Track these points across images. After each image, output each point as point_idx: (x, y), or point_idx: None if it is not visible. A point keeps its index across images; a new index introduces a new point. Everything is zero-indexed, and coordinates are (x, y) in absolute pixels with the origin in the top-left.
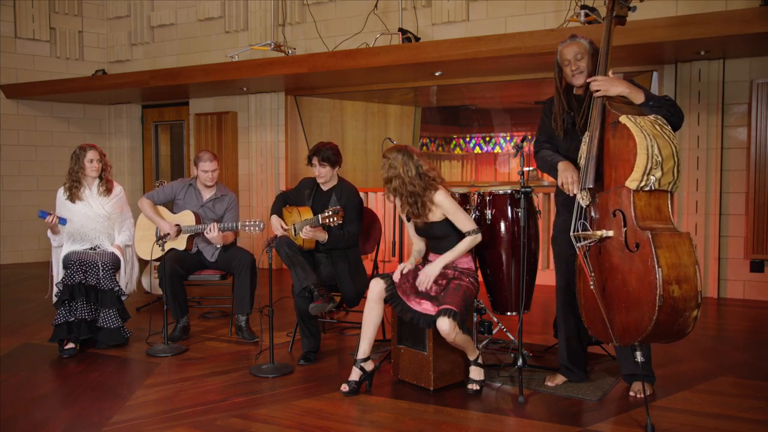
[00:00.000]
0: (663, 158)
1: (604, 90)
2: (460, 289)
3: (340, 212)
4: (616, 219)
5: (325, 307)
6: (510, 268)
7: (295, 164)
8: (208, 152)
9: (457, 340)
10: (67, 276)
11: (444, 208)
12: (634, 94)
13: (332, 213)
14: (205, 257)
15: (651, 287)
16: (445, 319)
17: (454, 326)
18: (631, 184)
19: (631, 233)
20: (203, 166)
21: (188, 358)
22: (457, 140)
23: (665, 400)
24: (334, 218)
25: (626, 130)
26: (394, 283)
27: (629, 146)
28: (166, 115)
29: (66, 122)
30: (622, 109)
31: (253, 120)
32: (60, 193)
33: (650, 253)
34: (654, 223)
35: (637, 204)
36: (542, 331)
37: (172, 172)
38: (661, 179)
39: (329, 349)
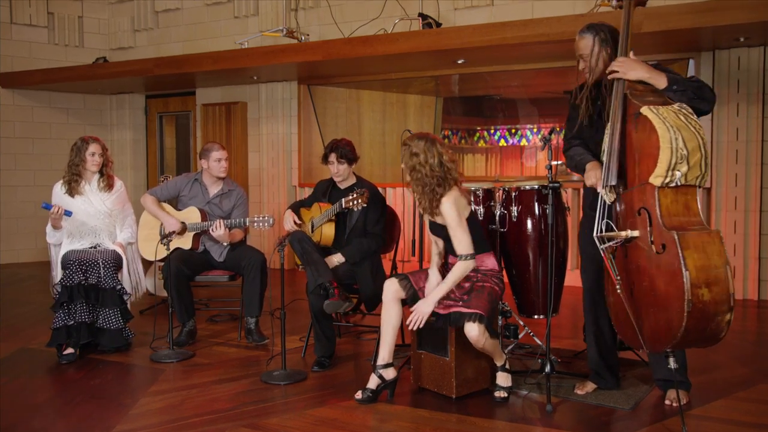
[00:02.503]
0: (688, 151)
1: (622, 72)
2: (484, 291)
3: (365, 193)
4: (641, 218)
5: (340, 306)
6: (537, 268)
7: (308, 157)
8: (217, 143)
9: (486, 345)
10: (66, 277)
11: (444, 217)
12: (656, 78)
13: (357, 194)
14: (213, 257)
15: (679, 291)
16: (473, 324)
17: (483, 331)
18: (656, 181)
19: (657, 233)
20: (216, 155)
21: (195, 364)
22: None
23: (702, 409)
24: (358, 200)
25: (648, 122)
26: (411, 283)
27: (652, 140)
28: (172, 106)
29: (65, 113)
30: (645, 98)
31: (263, 111)
32: (57, 188)
33: (677, 255)
34: (682, 221)
35: (662, 201)
36: (571, 335)
37: (177, 166)
38: (687, 174)
39: (345, 355)
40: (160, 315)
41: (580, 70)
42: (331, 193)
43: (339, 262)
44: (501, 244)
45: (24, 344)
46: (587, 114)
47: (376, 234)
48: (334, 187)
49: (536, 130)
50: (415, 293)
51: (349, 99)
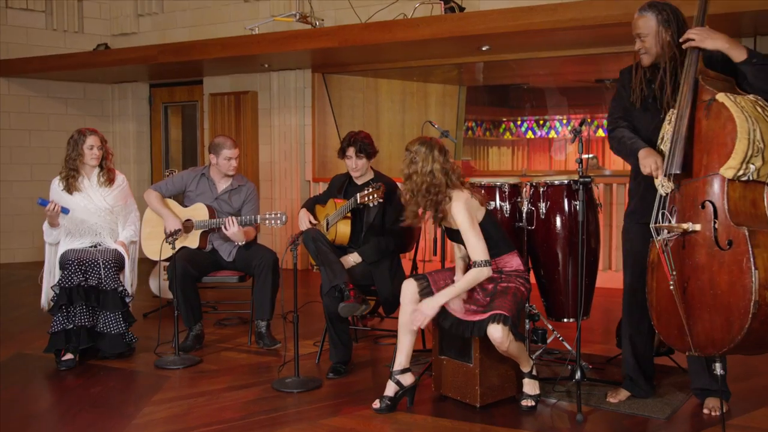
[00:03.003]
0: (765, 145)
1: (699, 40)
2: (509, 291)
3: (381, 188)
4: (705, 211)
5: (356, 309)
6: (567, 268)
7: (323, 150)
8: (229, 137)
9: (511, 349)
10: (64, 278)
11: (457, 221)
12: (735, 50)
13: (373, 189)
14: (221, 256)
15: (744, 291)
16: (496, 326)
17: (507, 333)
18: (727, 173)
19: (723, 228)
20: (227, 153)
21: (202, 370)
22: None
23: (742, 419)
24: (374, 195)
25: (724, 110)
26: (430, 284)
27: (726, 129)
28: (177, 96)
29: (64, 103)
30: (717, 85)
31: (275, 101)
32: (55, 184)
33: (746, 253)
34: (748, 218)
35: (730, 195)
36: (603, 340)
37: (183, 159)
38: (760, 169)
39: (362, 360)
40: (165, 318)
41: (636, 50)
42: (347, 188)
43: (355, 262)
44: (528, 242)
45: (20, 349)
46: (640, 97)
47: (395, 232)
48: (351, 183)
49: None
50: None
51: (367, 88)
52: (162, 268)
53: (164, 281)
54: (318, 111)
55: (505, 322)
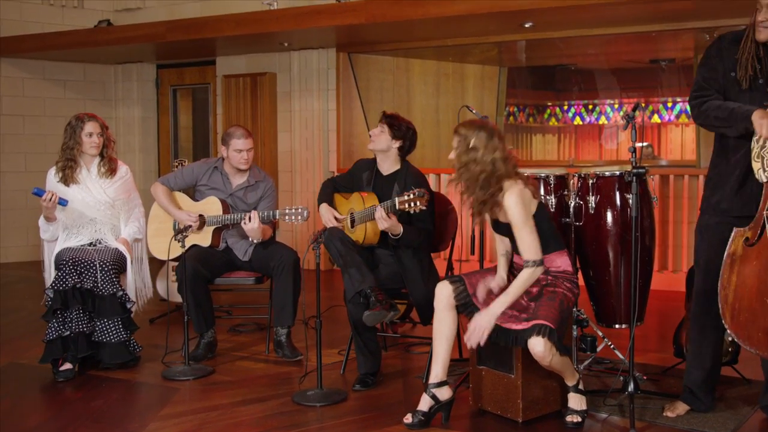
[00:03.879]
0: None
1: None
2: (555, 298)
3: (425, 195)
4: None
5: (383, 317)
6: (618, 269)
7: (348, 139)
8: (242, 127)
9: (554, 363)
10: (58, 279)
11: (509, 215)
12: None
13: (415, 195)
14: (236, 255)
15: None
16: (538, 339)
17: (550, 347)
18: None
19: None
20: (236, 144)
21: (215, 382)
22: (552, 109)
23: None
24: (416, 203)
25: None
26: (466, 287)
27: None
28: (187, 78)
29: (61, 86)
30: None
31: (296, 83)
32: (51, 175)
33: None
34: None
35: None
36: (659, 348)
37: (194, 149)
38: None
39: (392, 371)
40: (174, 324)
41: (759, 21)
42: (375, 182)
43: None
44: (576, 240)
45: (14, 358)
46: (747, 75)
47: (426, 230)
48: (378, 174)
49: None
50: (469, 301)
51: (397, 69)
52: (170, 268)
53: (173, 283)
54: (343, 95)
55: (549, 336)
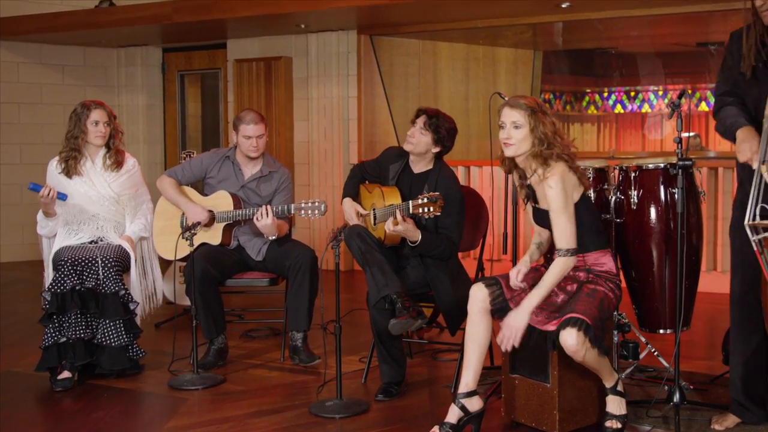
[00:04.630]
0: None
1: None
2: (595, 296)
3: (438, 200)
4: None
5: (410, 325)
6: (663, 269)
7: (370, 128)
8: (253, 112)
9: (588, 358)
10: (56, 280)
11: (548, 198)
12: None
13: (428, 200)
14: (249, 254)
15: None
16: (571, 330)
17: (583, 341)
18: None
19: None
20: (245, 129)
21: (226, 391)
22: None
23: None
24: (429, 208)
25: None
26: (502, 290)
27: None
28: (196, 62)
29: (60, 71)
30: None
31: (313, 68)
32: (52, 167)
33: None
34: None
35: None
36: (707, 355)
37: (203, 139)
38: None
39: (418, 380)
40: (181, 329)
41: (757, 6)
42: (401, 177)
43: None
44: (617, 238)
45: (8, 366)
46: (751, 64)
47: (451, 241)
48: (406, 170)
49: (662, 92)
50: (506, 306)
51: (423, 53)
52: (178, 269)
53: (180, 285)
54: (365, 80)
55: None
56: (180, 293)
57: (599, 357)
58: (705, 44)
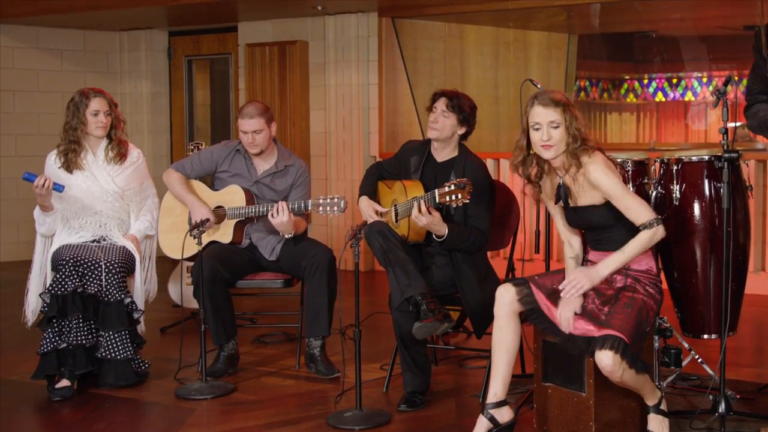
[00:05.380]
0: None
1: None
2: (633, 306)
3: (467, 186)
4: None
5: (435, 329)
6: (707, 270)
7: (392, 117)
8: (253, 104)
9: (626, 379)
10: (56, 282)
11: (603, 188)
12: None
13: (455, 187)
14: (262, 254)
15: None
16: (606, 352)
17: (620, 363)
18: None
19: None
20: (241, 123)
21: (236, 401)
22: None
23: None
24: (457, 195)
25: None
26: (532, 291)
27: None
28: (205, 47)
29: (58, 56)
30: None
31: (331, 53)
32: (51, 160)
33: None
34: None
35: None
36: (755, 362)
37: (212, 129)
38: None
39: (443, 389)
40: (188, 334)
41: None
42: (425, 169)
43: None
44: None
45: (4, 374)
46: None
47: (480, 231)
48: (429, 159)
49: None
50: (536, 308)
51: (449, 37)
52: (185, 269)
53: (187, 286)
54: (386, 66)
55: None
56: (187, 295)
57: (638, 376)
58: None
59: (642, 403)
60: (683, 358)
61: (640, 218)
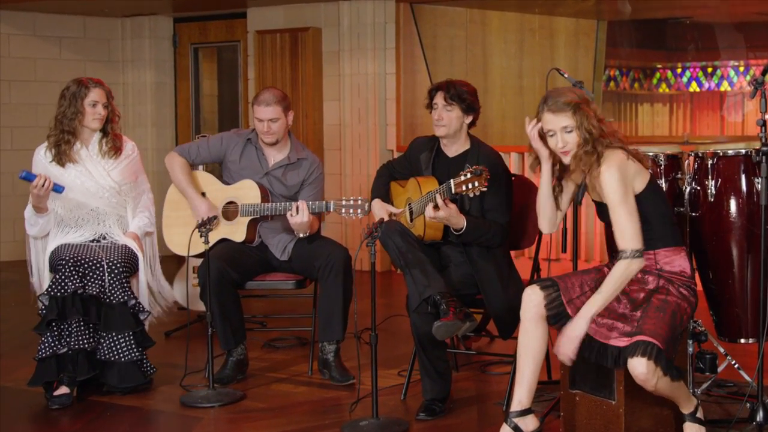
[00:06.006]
0: None
1: None
2: (666, 309)
3: (484, 173)
4: None
5: (456, 328)
6: (744, 270)
7: (410, 109)
8: (271, 91)
9: (660, 387)
10: (55, 283)
11: (604, 190)
12: None
13: (471, 175)
14: (273, 253)
15: None
16: (640, 359)
17: (654, 370)
18: None
19: None
20: (257, 110)
21: (245, 409)
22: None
23: None
24: (474, 183)
25: None
26: (559, 293)
27: None
28: (212, 34)
29: (56, 44)
30: None
31: (346, 41)
32: (40, 155)
33: None
34: None
35: None
36: None
37: (220, 121)
38: None
39: (465, 396)
40: (195, 338)
41: None
42: (436, 163)
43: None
44: (692, 234)
45: None
46: None
47: (499, 224)
48: (439, 154)
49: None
50: (563, 311)
51: (471, 24)
52: (192, 268)
53: (194, 287)
54: (404, 55)
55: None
56: (194, 297)
57: (673, 383)
58: None
59: (676, 410)
60: (719, 364)
61: (623, 241)
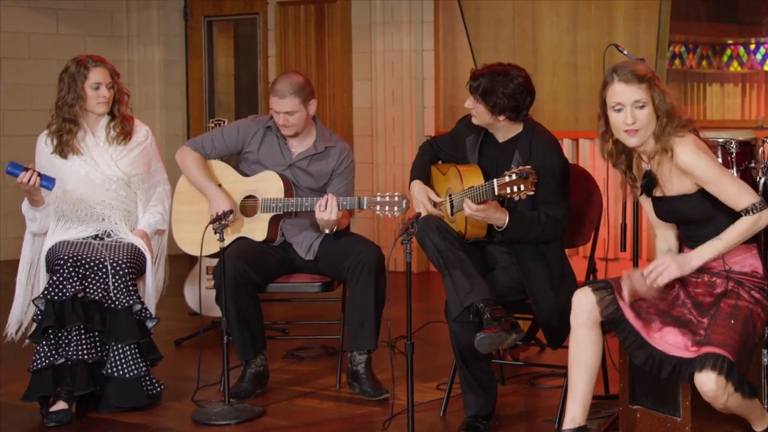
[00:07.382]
0: None
1: None
2: (737, 316)
3: (531, 175)
4: None
5: (502, 341)
6: None
7: (450, 90)
8: (288, 78)
9: (731, 404)
10: (53, 285)
11: (696, 173)
12: None
13: (517, 177)
14: (297, 252)
15: None
16: (709, 375)
17: (725, 386)
18: None
19: None
20: (272, 102)
21: (266, 427)
22: (734, 48)
23: None
24: (519, 187)
25: None
26: (615, 297)
27: None
28: (228, 6)
29: (53, 17)
30: None
31: (377, 14)
32: (41, 143)
33: None
34: None
35: None
36: None
37: (237, 104)
38: None
39: (512, 412)
40: (209, 348)
41: None
42: (483, 151)
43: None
44: (766, 231)
45: None
46: None
47: (553, 218)
48: (488, 137)
49: None
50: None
51: None
52: (205, 269)
53: (207, 290)
54: (444, 29)
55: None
56: (208, 301)
57: (745, 400)
58: None
59: (748, 428)
60: None
61: (741, 203)
